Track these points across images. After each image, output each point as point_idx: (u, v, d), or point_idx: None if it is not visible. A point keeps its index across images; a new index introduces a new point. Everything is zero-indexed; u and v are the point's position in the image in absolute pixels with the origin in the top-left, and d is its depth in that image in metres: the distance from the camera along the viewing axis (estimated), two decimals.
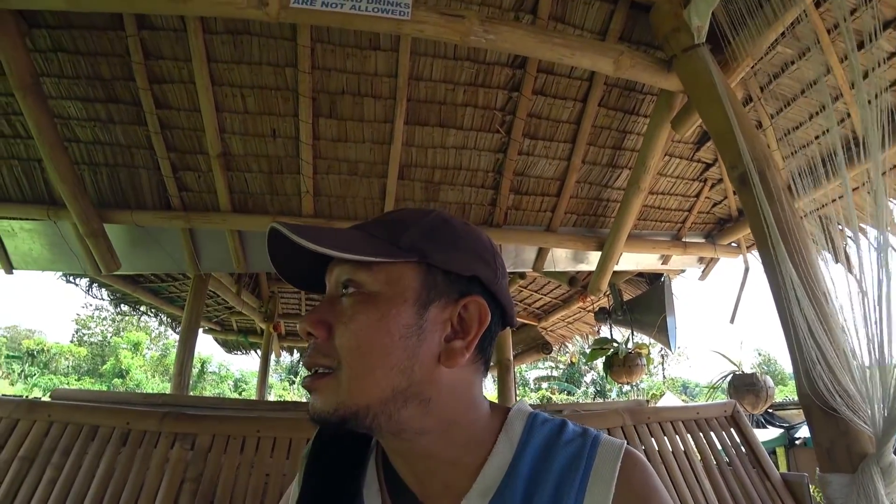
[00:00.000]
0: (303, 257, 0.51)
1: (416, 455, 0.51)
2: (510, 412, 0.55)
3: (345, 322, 0.48)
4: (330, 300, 0.51)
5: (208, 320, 6.54)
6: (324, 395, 0.47)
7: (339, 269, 0.51)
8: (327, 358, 0.48)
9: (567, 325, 6.16)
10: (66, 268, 3.14)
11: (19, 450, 1.84)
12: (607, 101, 2.88)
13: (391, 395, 0.47)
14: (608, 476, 0.48)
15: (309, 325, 0.49)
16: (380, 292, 0.49)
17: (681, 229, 3.56)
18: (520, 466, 0.50)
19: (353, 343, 0.47)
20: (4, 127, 2.59)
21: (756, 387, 2.81)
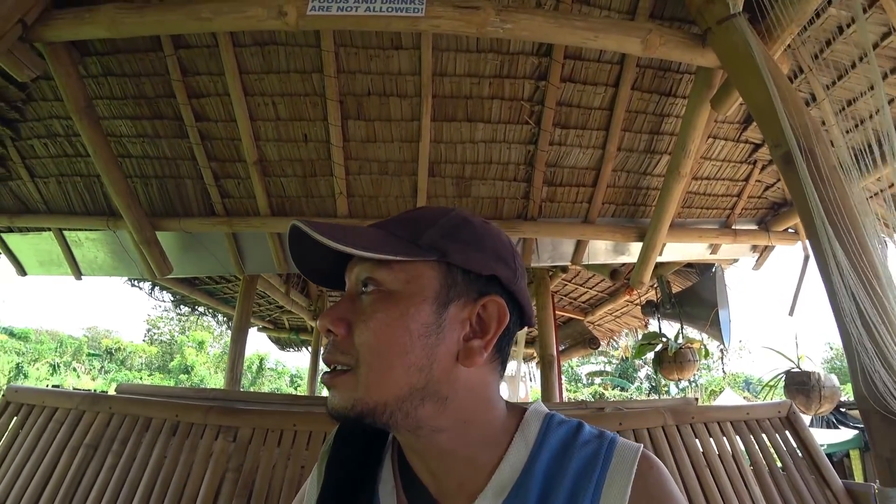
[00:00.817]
0: (324, 255, 0.52)
1: (433, 452, 0.52)
2: (526, 412, 0.56)
3: (364, 320, 0.48)
4: (350, 298, 0.51)
5: (262, 319, 6.89)
6: (342, 392, 0.48)
7: (359, 267, 0.51)
8: (346, 355, 0.48)
9: (615, 319, 5.95)
10: (127, 273, 3.43)
11: (85, 437, 2.03)
12: (641, 83, 2.74)
13: (408, 393, 0.47)
14: (624, 479, 0.48)
15: (328, 323, 0.49)
16: (399, 291, 0.49)
17: (730, 216, 3.32)
18: (535, 467, 0.50)
19: (372, 341, 0.47)
20: (67, 147, 2.87)
21: (806, 386, 2.56)
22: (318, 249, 0.50)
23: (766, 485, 1.93)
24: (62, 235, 3.21)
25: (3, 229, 3.24)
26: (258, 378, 21.93)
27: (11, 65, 2.06)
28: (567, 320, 6.31)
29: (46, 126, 2.82)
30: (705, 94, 2.36)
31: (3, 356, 16.83)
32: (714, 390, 16.57)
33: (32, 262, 3.37)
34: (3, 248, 3.30)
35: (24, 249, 3.35)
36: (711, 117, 2.63)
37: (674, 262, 3.99)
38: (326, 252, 0.50)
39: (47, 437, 2.05)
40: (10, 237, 3.30)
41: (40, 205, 3.08)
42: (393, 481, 0.55)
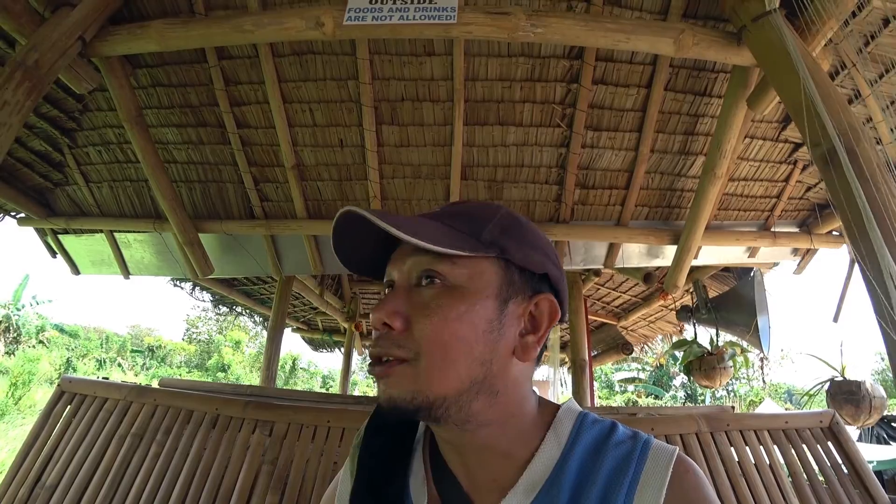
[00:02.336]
0: (367, 243, 0.53)
1: (472, 447, 0.52)
2: (560, 410, 0.56)
3: (427, 314, 0.48)
4: (404, 291, 0.51)
5: (296, 320, 7.07)
6: (400, 383, 0.47)
7: (415, 258, 0.51)
8: (402, 349, 0.48)
9: (649, 325, 5.82)
10: (171, 273, 3.60)
11: (132, 427, 2.14)
12: (674, 84, 2.69)
13: (468, 387, 0.48)
14: (659, 481, 0.48)
15: (384, 316, 0.49)
16: (463, 286, 0.50)
17: (769, 218, 3.21)
18: (568, 465, 0.50)
19: (438, 335, 0.47)
20: (119, 154, 3.05)
21: (856, 396, 2.43)
22: (362, 236, 0.52)
23: (805, 497, 1.86)
24: (113, 237, 3.41)
25: (60, 231, 3.47)
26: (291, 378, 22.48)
27: (71, 78, 2.21)
28: (600, 325, 6.21)
29: (100, 134, 3.01)
30: (741, 94, 2.31)
31: (55, 351, 17.85)
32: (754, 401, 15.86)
33: (85, 261, 3.60)
34: (60, 248, 3.54)
35: (78, 250, 3.57)
36: (748, 117, 2.57)
37: (710, 266, 3.88)
38: (370, 240, 0.52)
39: (98, 426, 2.18)
40: (66, 238, 3.53)
41: (93, 208, 3.29)
42: (424, 473, 0.56)
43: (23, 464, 2.12)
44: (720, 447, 1.96)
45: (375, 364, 0.49)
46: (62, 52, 2.04)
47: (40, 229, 3.46)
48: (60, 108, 2.85)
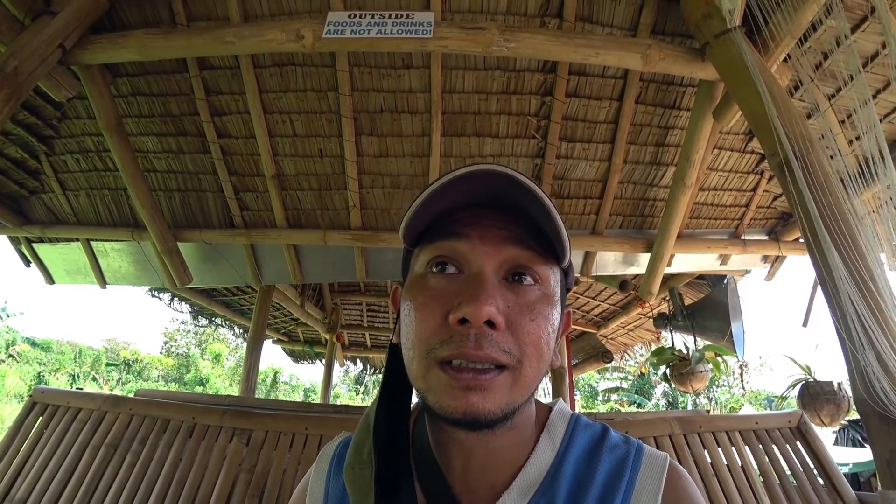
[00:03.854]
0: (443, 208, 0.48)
1: (489, 449, 0.50)
2: (552, 412, 0.55)
3: (532, 318, 0.45)
4: (498, 286, 0.46)
5: (277, 331, 7.00)
6: (497, 395, 0.43)
7: (515, 250, 0.47)
8: (506, 353, 0.43)
9: (628, 333, 5.90)
10: (149, 282, 3.57)
11: (106, 437, 2.12)
12: (645, 97, 2.80)
13: (534, 392, 0.48)
14: (655, 486, 0.48)
15: (494, 312, 0.42)
16: (554, 293, 0.49)
17: (739, 226, 3.33)
18: (563, 468, 0.50)
19: (539, 341, 0.45)
20: (97, 162, 3.04)
21: (836, 396, 2.52)
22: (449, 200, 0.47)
23: (775, 495, 1.92)
24: (89, 246, 3.38)
25: (35, 239, 3.42)
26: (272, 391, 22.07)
27: (50, 86, 2.22)
28: (580, 334, 6.27)
29: (79, 142, 3.00)
30: (707, 106, 2.42)
31: (25, 366, 17.27)
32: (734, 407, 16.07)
33: (60, 271, 3.54)
34: (34, 257, 3.48)
35: (53, 259, 3.52)
36: (716, 129, 2.68)
37: (685, 274, 3.98)
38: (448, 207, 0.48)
39: (71, 436, 2.15)
40: (40, 247, 3.48)
41: (70, 216, 3.25)
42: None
43: None
44: (693, 448, 2.02)
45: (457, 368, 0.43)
46: (42, 60, 2.06)
47: (14, 237, 3.40)
48: (38, 116, 2.84)
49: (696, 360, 3.51)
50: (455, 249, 0.47)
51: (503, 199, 0.47)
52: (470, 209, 0.48)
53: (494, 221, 0.47)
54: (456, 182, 0.45)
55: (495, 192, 0.46)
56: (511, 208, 0.47)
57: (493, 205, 0.48)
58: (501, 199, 0.47)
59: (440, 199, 0.47)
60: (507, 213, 0.48)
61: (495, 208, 0.48)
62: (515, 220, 0.48)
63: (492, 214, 0.48)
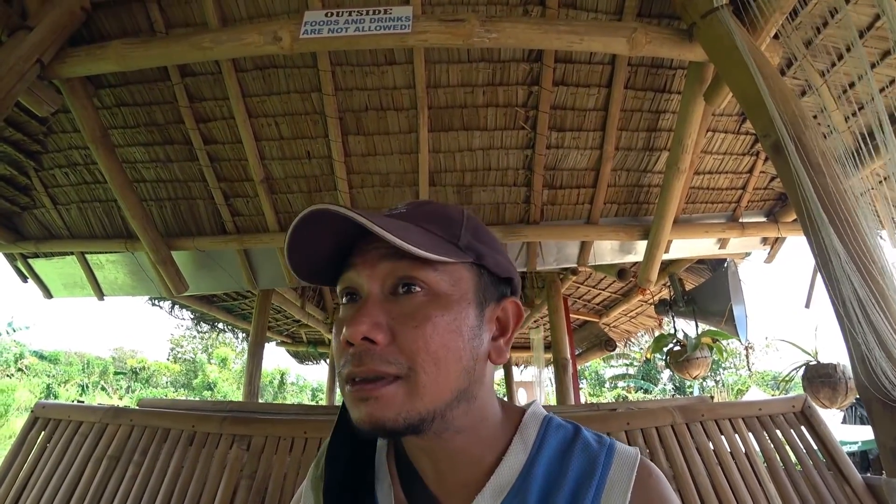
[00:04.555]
0: (323, 246, 0.50)
1: (446, 452, 0.51)
2: (525, 414, 0.56)
3: (415, 325, 0.45)
4: (378, 301, 0.47)
5: (280, 333, 7.03)
6: (390, 403, 0.44)
7: (390, 264, 0.48)
8: (391, 365, 0.44)
9: (630, 320, 5.88)
10: (146, 292, 3.57)
11: (108, 449, 2.13)
12: (634, 82, 2.76)
13: (455, 397, 0.47)
14: (625, 483, 0.49)
15: (366, 330, 0.44)
16: (447, 293, 0.48)
17: (736, 209, 3.28)
18: (535, 469, 0.51)
19: (430, 346, 0.45)
20: (86, 175, 3.04)
21: (832, 378, 2.49)
22: (321, 239, 0.48)
23: (781, 482, 1.89)
24: (84, 259, 3.38)
25: (30, 255, 3.43)
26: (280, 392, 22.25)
27: (32, 101, 2.21)
28: (582, 323, 6.26)
29: (66, 156, 3.00)
30: (698, 89, 2.37)
31: (34, 379, 17.50)
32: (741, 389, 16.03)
33: (57, 284, 3.55)
34: (30, 272, 3.49)
35: (49, 273, 3.53)
36: (708, 111, 2.64)
37: (684, 259, 3.95)
38: (327, 243, 0.49)
39: (73, 450, 2.16)
40: (36, 262, 3.49)
41: (63, 230, 3.26)
42: (389, 480, 0.55)
43: None
44: (696, 437, 2.00)
45: (354, 383, 0.45)
46: (20, 76, 2.04)
47: (9, 254, 3.41)
48: (24, 132, 2.83)
49: (692, 346, 3.48)
50: (349, 279, 0.50)
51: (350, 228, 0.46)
52: (363, 238, 0.49)
53: (373, 244, 0.49)
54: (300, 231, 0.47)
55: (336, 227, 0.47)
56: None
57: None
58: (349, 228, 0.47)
59: (312, 246, 0.49)
60: None
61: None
62: None
63: (372, 239, 0.48)
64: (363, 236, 0.48)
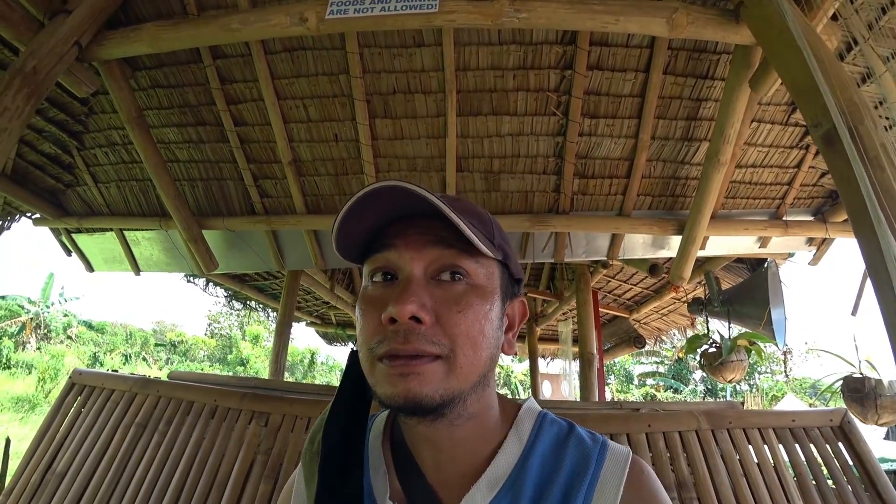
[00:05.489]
0: (367, 223, 0.51)
1: (452, 440, 0.53)
2: (521, 409, 0.59)
3: (459, 310, 0.49)
4: (424, 284, 0.50)
5: (309, 314, 7.20)
6: (431, 380, 0.47)
7: (438, 251, 0.51)
8: (435, 345, 0.47)
9: (662, 318, 5.68)
10: (178, 269, 3.71)
11: (136, 417, 2.23)
12: (674, 67, 2.60)
13: (478, 381, 0.51)
14: (616, 480, 0.51)
15: (416, 309, 0.47)
16: (484, 285, 0.52)
17: (780, 206, 3.07)
18: (529, 463, 0.52)
19: (470, 331, 0.49)
20: (124, 155, 3.15)
21: (860, 393, 2.30)
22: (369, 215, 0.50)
23: (811, 499, 1.78)
24: (122, 235, 3.54)
25: (73, 230, 3.61)
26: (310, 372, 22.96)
27: (71, 82, 2.29)
28: (612, 318, 6.10)
29: (106, 136, 3.11)
30: (744, 75, 2.21)
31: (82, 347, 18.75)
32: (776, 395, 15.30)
33: (98, 259, 3.74)
34: (74, 246, 3.69)
35: (91, 248, 3.72)
36: (753, 100, 2.47)
37: (721, 257, 3.75)
38: (371, 220, 0.51)
39: (105, 416, 2.28)
40: (79, 237, 3.68)
41: (103, 207, 3.41)
42: (384, 467, 0.57)
43: (35, 452, 2.24)
44: (721, 445, 1.91)
45: (394, 359, 0.47)
46: (59, 58, 2.11)
47: (55, 229, 3.61)
48: (67, 112, 2.96)
49: (727, 349, 3.30)
50: (387, 259, 0.52)
51: (419, 208, 0.50)
52: (403, 220, 0.52)
53: (418, 229, 0.51)
54: (363, 202, 0.49)
55: (407, 204, 0.49)
56: (437, 214, 0.50)
57: (422, 214, 0.51)
58: (417, 208, 0.50)
59: (359, 219, 0.51)
60: (433, 218, 0.51)
61: (425, 216, 0.52)
62: (440, 224, 0.50)
63: (418, 223, 0.52)
64: (404, 218, 0.52)
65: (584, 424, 0.59)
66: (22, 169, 3.09)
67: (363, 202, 0.49)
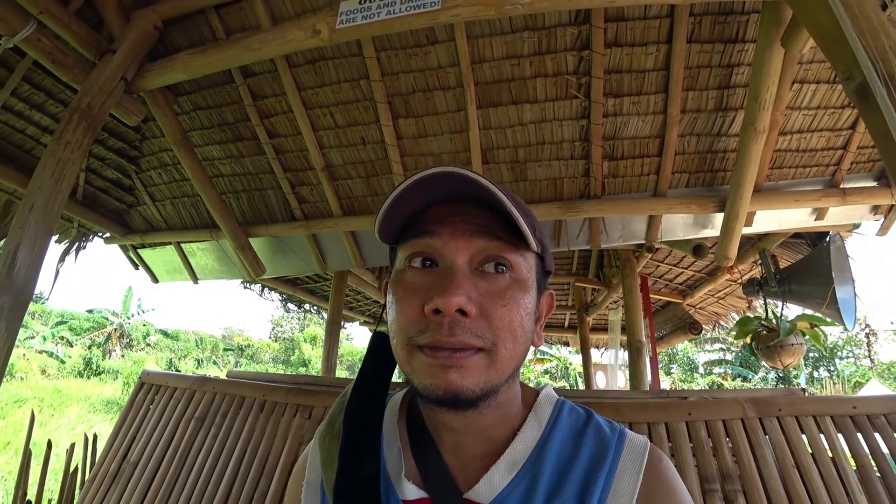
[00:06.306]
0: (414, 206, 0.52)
1: (476, 427, 0.53)
2: (539, 395, 0.60)
3: (503, 304, 0.49)
4: (469, 275, 0.50)
5: (362, 314, 7.45)
6: (474, 373, 0.47)
7: (484, 242, 0.50)
8: (479, 338, 0.47)
9: (718, 301, 5.35)
10: (231, 276, 4.00)
11: (196, 411, 2.45)
12: (698, 34, 2.46)
13: (513, 373, 0.51)
14: (636, 466, 0.51)
15: (464, 302, 0.46)
16: (525, 279, 0.52)
17: (836, 173, 2.81)
18: (548, 448, 0.53)
19: (512, 325, 0.49)
20: (175, 174, 3.44)
21: None
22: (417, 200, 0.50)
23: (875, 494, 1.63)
24: (180, 247, 3.86)
25: (138, 245, 4.00)
26: None
27: (122, 113, 2.54)
28: (665, 304, 5.83)
29: (158, 158, 3.42)
30: (774, 34, 2.06)
31: (159, 353, 20.59)
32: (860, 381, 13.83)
33: (161, 270, 4.11)
34: (140, 260, 4.08)
35: (154, 261, 4.09)
36: (790, 60, 2.29)
37: (774, 233, 3.48)
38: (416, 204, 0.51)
39: (169, 411, 2.52)
40: (143, 252, 4.06)
41: (161, 223, 3.75)
42: (399, 445, 0.58)
43: (113, 444, 2.52)
44: (771, 434, 1.79)
45: (437, 350, 0.47)
46: (109, 93, 2.35)
47: (122, 245, 4.01)
48: (124, 140, 3.29)
49: (785, 331, 3.05)
50: (429, 246, 0.51)
51: (469, 194, 0.50)
52: (443, 204, 0.52)
53: (463, 217, 0.51)
54: (418, 185, 0.49)
55: (458, 190, 0.50)
56: (482, 202, 0.51)
57: (464, 199, 0.52)
58: (467, 194, 0.50)
59: (407, 201, 0.51)
60: (479, 207, 0.52)
61: (467, 202, 0.52)
62: (485, 213, 0.51)
63: (462, 209, 0.52)
64: (444, 203, 0.52)
65: (618, 413, 0.60)
66: (90, 194, 3.47)
67: (420, 185, 0.49)
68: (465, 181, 0.48)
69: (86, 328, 21.88)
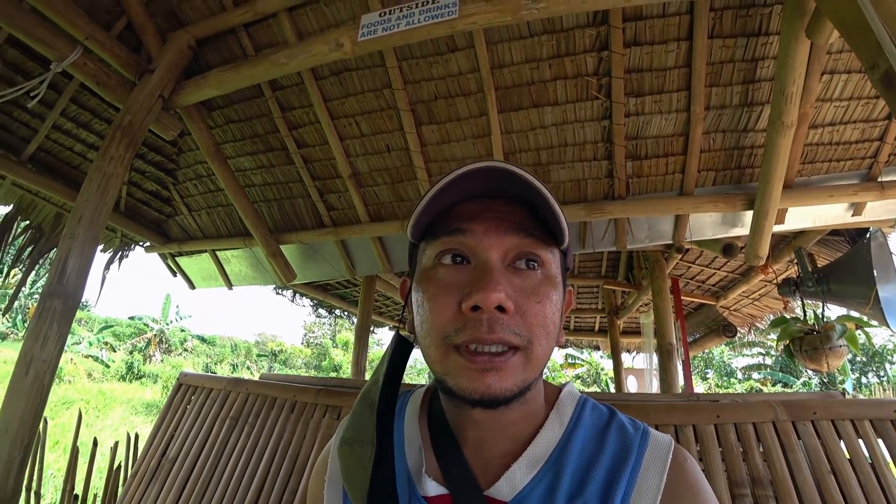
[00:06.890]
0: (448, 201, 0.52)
1: (500, 423, 0.53)
2: (562, 393, 0.59)
3: (537, 301, 0.48)
4: (504, 272, 0.49)
5: (391, 318, 7.54)
6: (511, 374, 0.47)
7: (517, 239, 0.50)
8: (516, 336, 0.47)
9: (753, 303, 5.17)
10: (263, 282, 4.14)
11: (230, 411, 2.55)
12: (720, 29, 2.42)
13: (542, 369, 0.51)
14: (660, 467, 0.50)
15: (503, 299, 0.46)
16: (555, 275, 0.52)
17: (873, 165, 2.69)
18: (571, 445, 0.52)
19: (546, 322, 0.49)
20: (210, 185, 3.61)
21: None
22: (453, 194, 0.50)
23: None
24: (215, 255, 4.04)
25: (175, 254, 4.21)
26: None
27: (160, 128, 2.70)
28: (698, 307, 5.67)
29: (194, 170, 3.61)
30: (798, 24, 2.01)
31: (196, 358, 21.38)
32: None
33: (198, 277, 4.30)
34: (178, 268, 4.29)
35: (191, 268, 4.29)
36: (818, 50, 2.23)
37: (810, 231, 3.36)
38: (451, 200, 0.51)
39: (205, 410, 2.63)
40: (181, 259, 4.27)
41: (198, 232, 3.94)
42: (420, 443, 0.58)
43: (153, 442, 2.65)
44: (805, 438, 1.73)
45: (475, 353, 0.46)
46: (148, 110, 2.51)
47: (162, 254, 4.22)
48: (162, 154, 3.49)
49: (840, 332, 2.91)
50: (462, 242, 0.50)
51: (503, 190, 0.50)
52: (472, 201, 0.52)
53: (496, 213, 0.51)
54: (458, 180, 0.49)
55: (496, 185, 0.50)
56: (512, 198, 0.51)
57: (494, 195, 0.52)
58: (502, 190, 0.50)
59: (445, 197, 0.51)
60: (508, 203, 0.51)
61: (497, 198, 0.52)
62: (516, 209, 0.51)
63: (493, 206, 0.51)
64: (474, 199, 0.52)
65: (644, 415, 0.59)
66: (132, 205, 3.69)
67: (462, 179, 0.49)
68: (506, 176, 0.48)
69: (128, 334, 23.02)
